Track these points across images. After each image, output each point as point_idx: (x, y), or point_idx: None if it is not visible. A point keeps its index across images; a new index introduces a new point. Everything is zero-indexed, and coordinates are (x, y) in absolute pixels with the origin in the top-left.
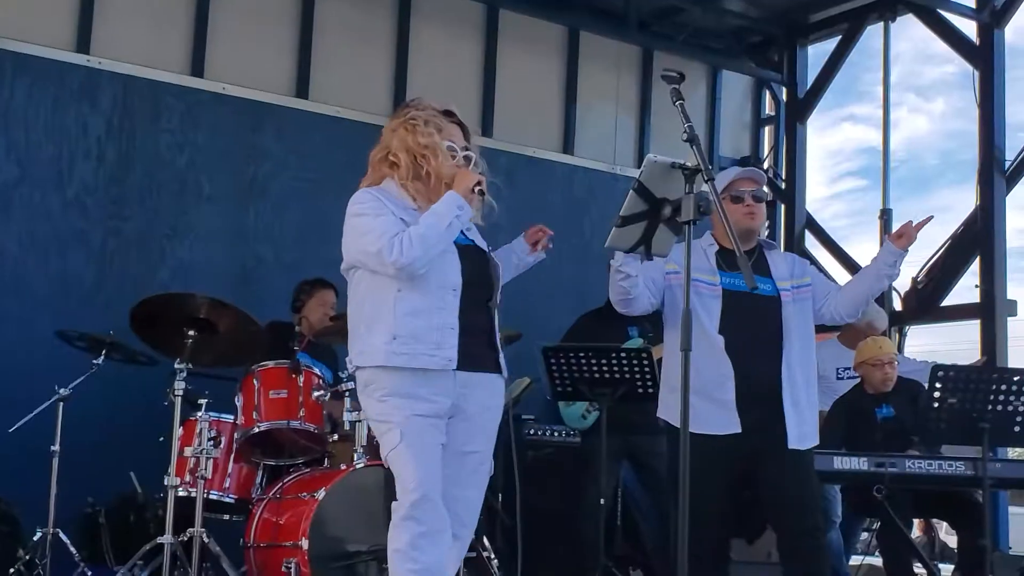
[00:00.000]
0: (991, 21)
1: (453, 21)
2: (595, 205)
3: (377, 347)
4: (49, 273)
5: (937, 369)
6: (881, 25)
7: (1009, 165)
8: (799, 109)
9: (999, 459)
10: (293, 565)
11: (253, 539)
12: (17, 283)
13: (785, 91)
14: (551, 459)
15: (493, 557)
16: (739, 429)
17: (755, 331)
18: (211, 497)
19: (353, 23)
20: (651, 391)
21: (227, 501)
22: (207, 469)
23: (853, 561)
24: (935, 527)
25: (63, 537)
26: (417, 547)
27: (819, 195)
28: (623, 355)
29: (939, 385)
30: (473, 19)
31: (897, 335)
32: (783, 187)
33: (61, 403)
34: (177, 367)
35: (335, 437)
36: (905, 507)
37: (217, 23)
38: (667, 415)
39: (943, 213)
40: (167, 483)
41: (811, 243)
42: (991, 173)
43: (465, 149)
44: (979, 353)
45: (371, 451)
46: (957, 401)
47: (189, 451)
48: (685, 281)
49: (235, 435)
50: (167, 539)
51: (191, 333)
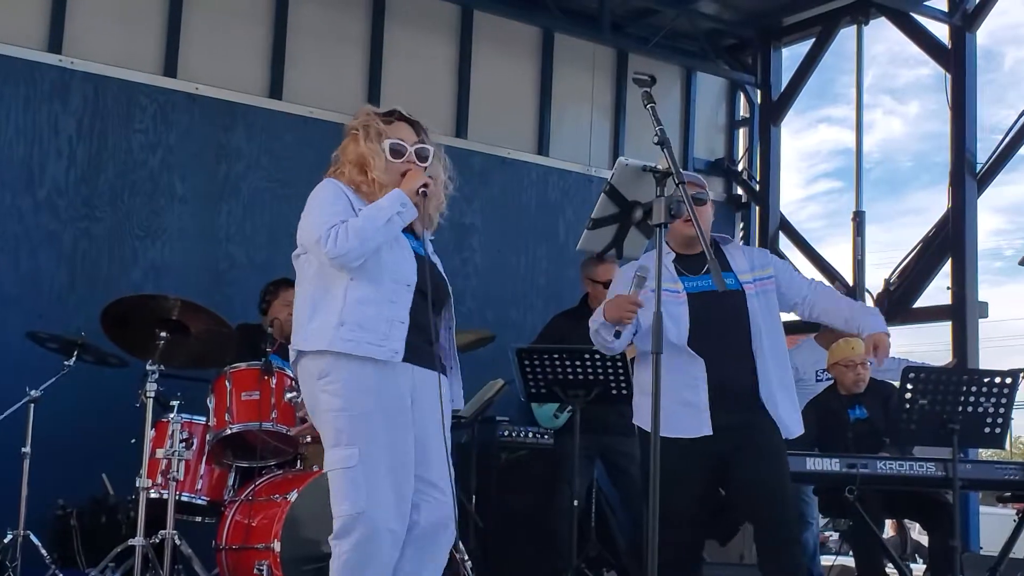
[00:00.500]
0: (963, 24)
1: (427, 22)
2: (570, 206)
3: (323, 331)
4: (20, 274)
5: (908, 371)
6: (854, 28)
7: (981, 168)
8: (773, 111)
9: (969, 460)
10: (265, 567)
11: (225, 541)
12: None
13: (759, 93)
14: (524, 460)
15: (467, 558)
16: (710, 431)
17: (724, 329)
18: (183, 499)
19: (326, 24)
20: (625, 392)
21: (199, 503)
22: (179, 471)
23: (825, 561)
24: (907, 527)
25: (34, 539)
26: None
27: (794, 197)
28: (597, 356)
29: (910, 386)
30: (447, 20)
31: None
32: (757, 189)
33: (32, 405)
34: (149, 369)
35: (307, 439)
36: (877, 508)
37: (190, 23)
38: (641, 421)
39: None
40: (139, 485)
41: (785, 245)
42: (963, 176)
43: (418, 144)
44: (951, 354)
45: None
46: (928, 402)
47: (161, 453)
48: (656, 283)
49: (207, 437)
50: (139, 541)
51: (163, 335)
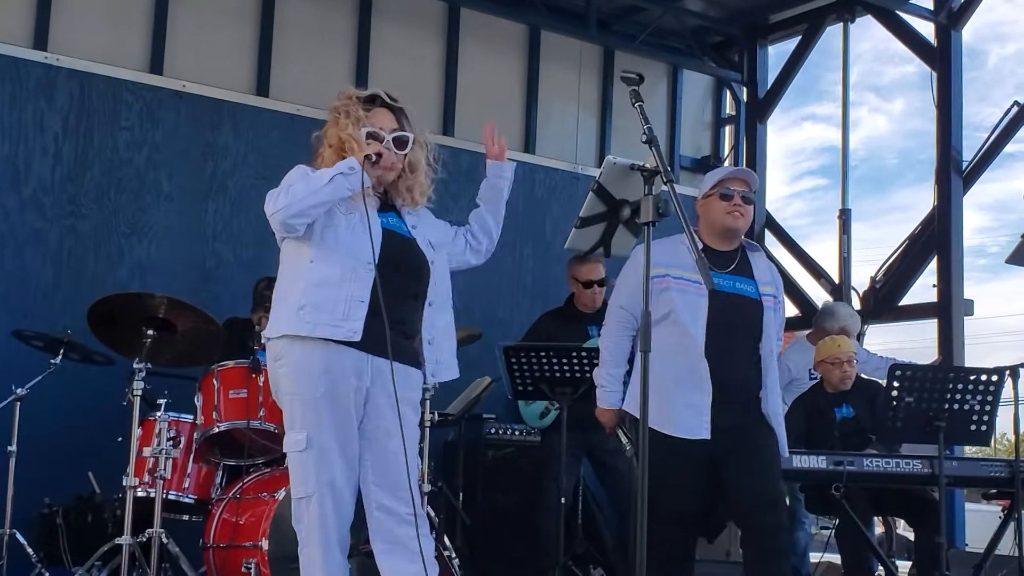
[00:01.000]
0: (948, 23)
1: (414, 20)
2: (556, 205)
3: (286, 317)
4: (5, 272)
5: (895, 368)
6: (840, 26)
7: (966, 165)
8: (759, 109)
9: (955, 457)
10: (253, 565)
11: (212, 539)
12: None
13: (745, 91)
14: (511, 458)
15: (454, 556)
16: (708, 435)
17: (736, 333)
18: (170, 497)
19: (313, 21)
20: None
21: (186, 501)
22: (166, 469)
23: (812, 558)
24: (892, 523)
25: (20, 538)
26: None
27: (780, 194)
28: (584, 354)
29: (896, 384)
30: (434, 18)
31: (805, 336)
32: None
33: (18, 403)
34: (136, 367)
35: None
36: (863, 505)
37: (176, 20)
38: (633, 408)
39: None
40: (126, 483)
41: (771, 243)
42: (948, 173)
43: (397, 131)
44: (936, 352)
45: None
46: (914, 400)
47: (148, 451)
48: (644, 281)
49: (194, 435)
50: (126, 540)
51: (150, 332)
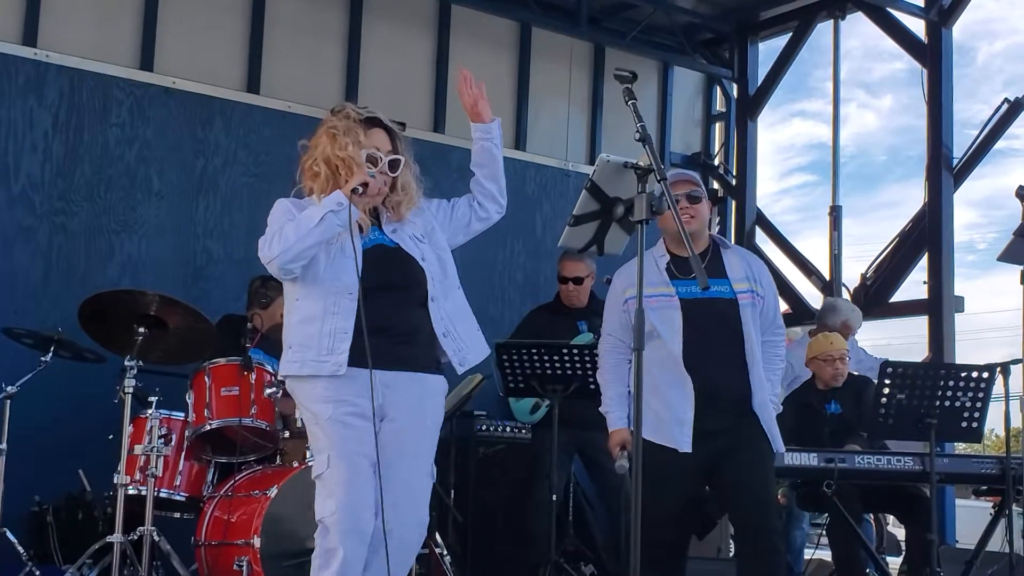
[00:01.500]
0: (939, 20)
1: (405, 16)
2: (547, 201)
3: (283, 358)
4: None
5: (886, 365)
6: (831, 23)
7: (957, 162)
8: (750, 106)
9: (946, 454)
10: (245, 563)
11: (204, 537)
12: None
13: (736, 88)
14: (502, 455)
15: (445, 553)
16: (690, 449)
17: (716, 336)
18: (161, 495)
19: (304, 17)
20: None
21: (178, 499)
22: (157, 467)
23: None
24: (883, 519)
25: (10, 536)
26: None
27: (769, 190)
28: (575, 351)
29: (887, 381)
30: (425, 14)
31: (807, 333)
32: (734, 184)
33: (8, 401)
34: (127, 364)
35: (287, 434)
36: (854, 502)
37: (166, 16)
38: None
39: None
40: (116, 481)
41: (761, 239)
42: (939, 170)
43: (392, 154)
44: (927, 348)
45: None
46: (905, 397)
47: (139, 449)
48: (638, 279)
49: (186, 432)
50: (117, 538)
51: (141, 330)
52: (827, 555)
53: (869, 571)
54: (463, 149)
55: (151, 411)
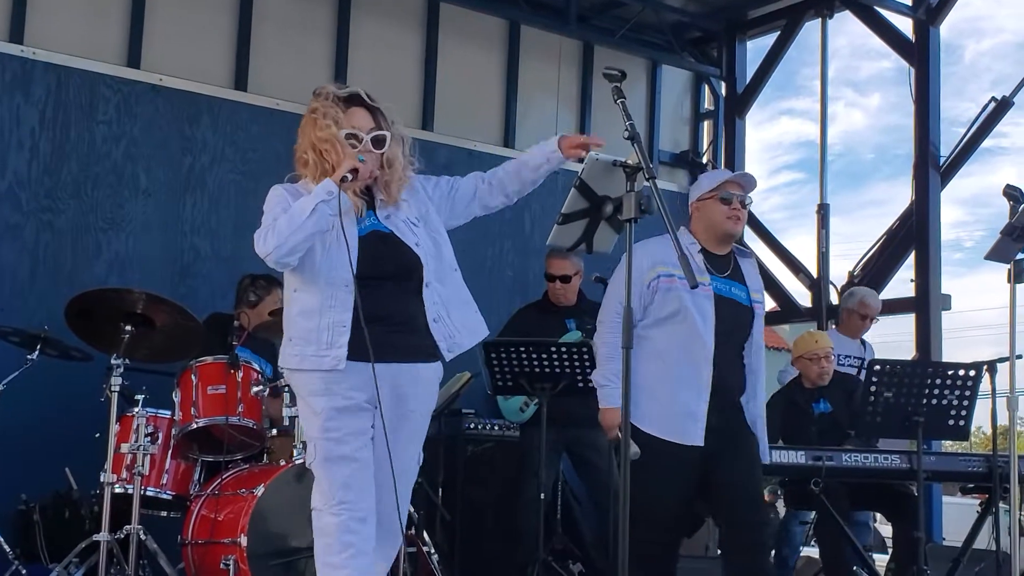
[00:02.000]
0: (926, 18)
1: (393, 13)
2: (536, 199)
3: (282, 350)
4: None
5: (873, 364)
6: (819, 21)
7: (944, 160)
8: (738, 104)
9: (933, 452)
10: (232, 562)
11: (191, 536)
12: None
13: (724, 86)
14: (491, 453)
15: (433, 552)
16: (702, 443)
17: (731, 338)
18: (148, 494)
19: (292, 14)
20: (591, 385)
21: (164, 498)
22: (144, 465)
23: None
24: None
25: None
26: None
27: (757, 188)
28: (563, 349)
29: (875, 379)
30: (414, 11)
31: (833, 327)
32: None
33: None
34: (113, 362)
35: (274, 433)
36: (842, 500)
37: (154, 13)
38: (637, 420)
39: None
40: (103, 480)
41: (749, 237)
42: (926, 168)
43: (375, 131)
44: (914, 346)
45: None
46: (892, 395)
47: (126, 447)
48: (627, 275)
49: (172, 431)
50: (103, 536)
51: (127, 328)
52: (815, 552)
53: (856, 569)
54: (451, 147)
55: (138, 409)
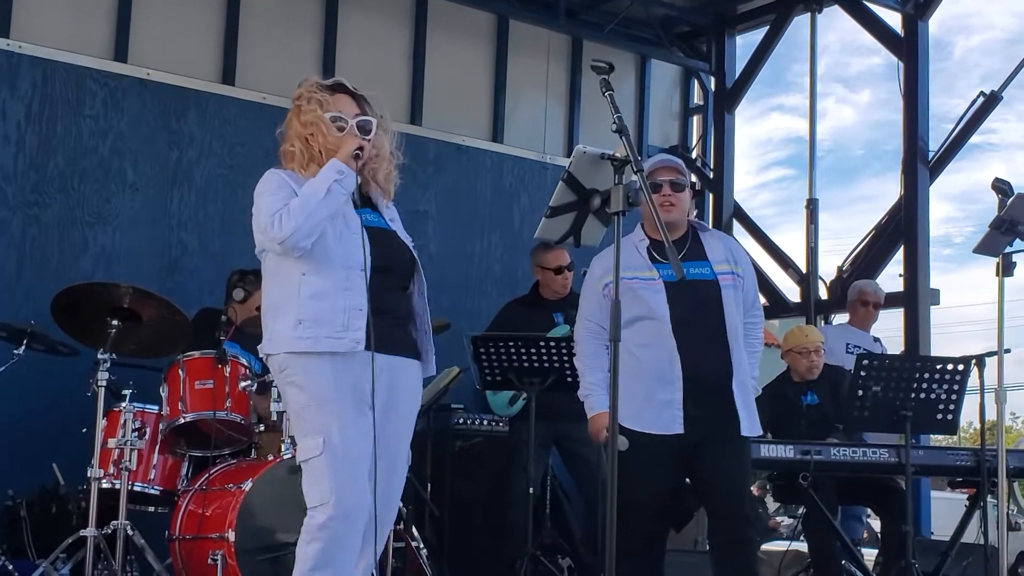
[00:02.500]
0: (915, 13)
1: (382, 7)
2: (525, 194)
3: (284, 333)
4: None
5: (861, 358)
6: (808, 16)
7: (932, 155)
8: (727, 99)
9: (921, 446)
10: (219, 557)
11: (178, 531)
12: None
13: (713, 81)
14: (479, 448)
15: (421, 547)
16: (682, 430)
17: (700, 319)
18: (135, 489)
19: (280, 9)
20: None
21: (152, 493)
22: (131, 460)
23: (779, 546)
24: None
25: None
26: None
27: (747, 184)
28: (552, 344)
29: (863, 373)
30: (402, 5)
31: (822, 322)
32: (711, 176)
33: None
34: (100, 357)
35: (262, 428)
36: (830, 494)
37: (141, 7)
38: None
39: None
40: (90, 475)
41: (739, 232)
42: (915, 163)
43: (360, 117)
44: (902, 341)
45: None
46: (881, 389)
47: (113, 442)
48: (615, 270)
49: (160, 426)
50: (90, 532)
51: (114, 323)
52: (803, 547)
53: (845, 563)
54: (440, 141)
55: (125, 404)
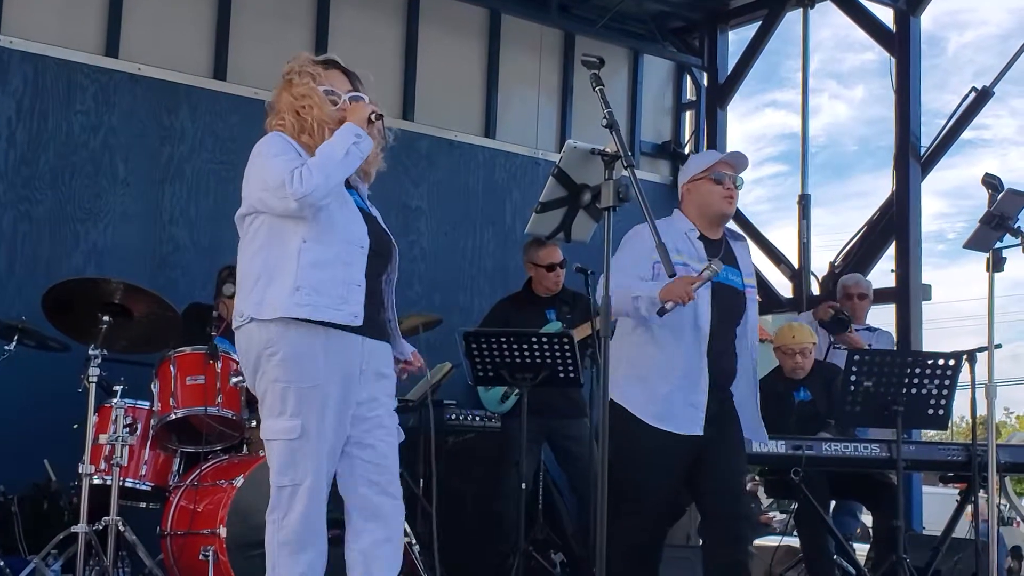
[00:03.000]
0: (907, 9)
1: (373, 2)
2: (517, 189)
3: (278, 299)
4: None
5: (853, 353)
6: (800, 12)
7: (924, 151)
8: (720, 94)
9: (913, 441)
10: (211, 553)
11: (170, 527)
12: None
13: (706, 76)
14: (472, 444)
15: (414, 543)
16: (702, 432)
17: (727, 325)
18: (127, 485)
19: (272, 4)
20: (572, 375)
21: (143, 489)
22: (122, 456)
23: (771, 542)
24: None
25: None
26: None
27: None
28: (544, 340)
29: (855, 368)
30: (394, 0)
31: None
32: None
33: None
34: (91, 353)
35: (253, 423)
36: (822, 489)
37: (132, 2)
38: (625, 401)
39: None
40: (81, 471)
41: (731, 228)
42: (907, 159)
43: (352, 92)
44: (894, 336)
45: None
46: (872, 384)
47: (104, 438)
48: (605, 263)
49: (151, 422)
50: (82, 528)
51: (105, 318)
52: (795, 542)
53: (837, 558)
54: (432, 137)
55: (116, 400)
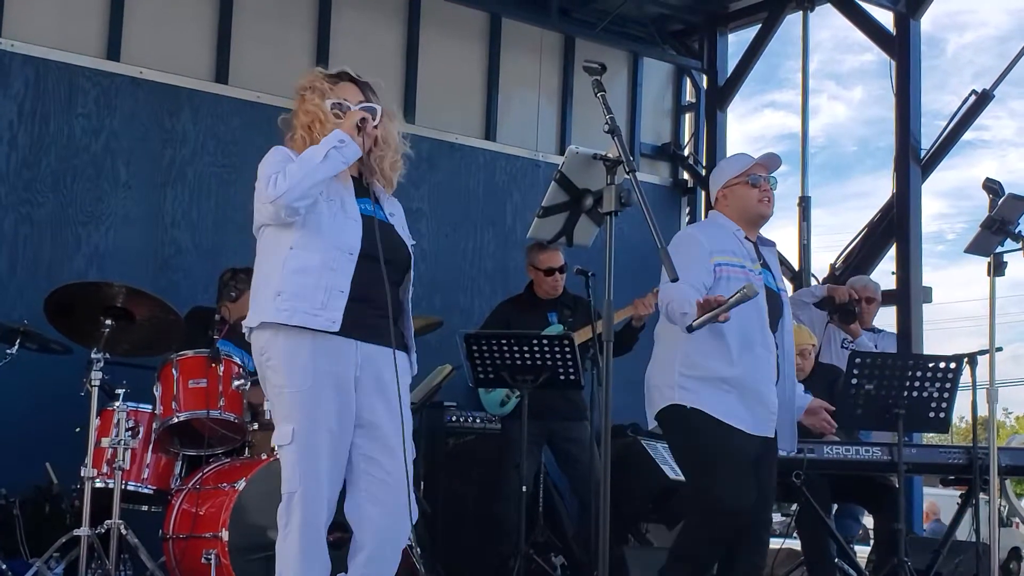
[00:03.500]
0: (907, 11)
1: (374, 6)
2: (517, 192)
3: (263, 305)
4: None
5: (854, 356)
6: (800, 14)
7: (925, 153)
8: (719, 96)
9: (914, 444)
10: (213, 556)
11: (172, 530)
12: None
13: (705, 78)
14: (472, 446)
15: (414, 545)
16: (772, 434)
17: (773, 324)
18: (129, 488)
19: (273, 7)
20: (572, 377)
21: (145, 492)
22: (125, 460)
23: (772, 544)
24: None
25: None
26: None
27: None
28: (544, 342)
29: (856, 371)
30: (395, 3)
31: None
32: (703, 174)
33: None
34: (93, 356)
35: (255, 426)
36: (823, 492)
37: (133, 5)
38: (689, 400)
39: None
40: (84, 474)
41: None
42: (907, 161)
43: (363, 103)
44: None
45: None
46: (873, 387)
47: (106, 441)
48: (607, 268)
49: (153, 425)
50: (84, 531)
51: (108, 322)
52: (796, 544)
53: (838, 561)
54: (433, 140)
55: (118, 403)
